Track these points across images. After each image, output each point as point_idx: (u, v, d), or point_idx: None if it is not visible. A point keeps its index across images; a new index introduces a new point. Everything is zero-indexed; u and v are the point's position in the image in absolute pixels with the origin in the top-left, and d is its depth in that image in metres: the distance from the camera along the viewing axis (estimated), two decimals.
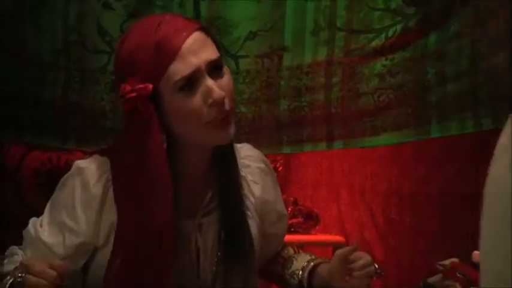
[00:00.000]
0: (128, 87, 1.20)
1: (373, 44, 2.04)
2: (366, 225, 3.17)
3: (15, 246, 1.35)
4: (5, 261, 1.33)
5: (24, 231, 1.33)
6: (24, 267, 1.16)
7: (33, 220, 1.34)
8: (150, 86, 1.20)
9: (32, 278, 1.14)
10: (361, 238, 3.10)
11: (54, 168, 2.33)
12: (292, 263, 1.48)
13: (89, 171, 1.28)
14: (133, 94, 1.19)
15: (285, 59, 2.04)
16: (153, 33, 1.21)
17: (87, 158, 1.33)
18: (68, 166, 1.34)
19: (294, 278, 1.45)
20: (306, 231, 3.02)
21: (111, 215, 1.26)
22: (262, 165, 1.45)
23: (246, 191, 1.39)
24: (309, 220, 3.03)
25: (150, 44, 1.21)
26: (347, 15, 2.03)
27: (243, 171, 1.40)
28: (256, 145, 1.53)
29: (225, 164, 1.34)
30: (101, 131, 2.03)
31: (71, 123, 2.04)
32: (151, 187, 1.22)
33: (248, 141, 1.54)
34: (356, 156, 3.15)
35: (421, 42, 2.04)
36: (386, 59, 2.05)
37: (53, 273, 1.14)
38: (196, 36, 1.23)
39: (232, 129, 1.26)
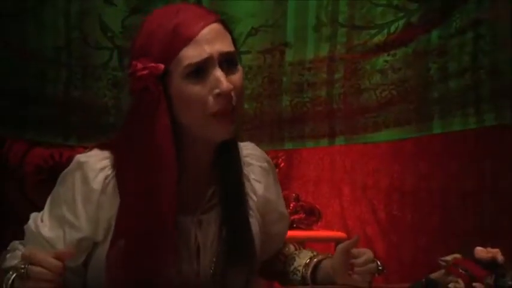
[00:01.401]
0: (140, 65, 1.21)
1: (375, 39, 2.04)
2: (367, 221, 3.18)
3: (16, 241, 1.35)
4: (8, 255, 1.32)
5: (25, 226, 1.32)
6: (26, 258, 1.15)
7: (34, 215, 1.33)
8: (162, 66, 1.20)
9: (35, 269, 1.13)
10: (363, 234, 3.10)
11: (56, 164, 2.32)
12: (295, 260, 1.47)
13: (88, 166, 1.27)
14: (145, 72, 1.20)
15: (287, 55, 2.05)
16: (172, 17, 1.22)
17: (87, 151, 1.32)
18: (70, 163, 1.34)
19: (296, 275, 1.45)
20: (308, 227, 3.02)
21: (110, 210, 1.25)
22: (265, 164, 1.44)
23: (248, 190, 1.38)
24: (311, 216, 3.03)
25: (167, 27, 1.21)
26: (349, 11, 2.03)
27: (246, 170, 1.38)
28: (258, 141, 1.53)
29: (227, 161, 1.33)
30: (103, 127, 2.03)
31: (73, 119, 2.04)
32: (157, 168, 1.21)
33: (250, 137, 1.54)
34: (358, 153, 3.16)
35: (424, 38, 2.04)
36: (388, 55, 2.05)
37: (56, 262, 1.13)
38: (214, 27, 1.23)
39: (232, 127, 1.25)
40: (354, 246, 1.36)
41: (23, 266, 1.13)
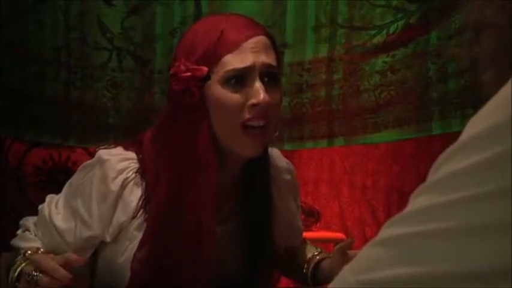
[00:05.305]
0: (183, 67, 1.19)
1: (375, 40, 2.04)
2: (367, 222, 3.18)
3: (29, 218, 1.35)
4: (19, 231, 1.34)
5: (39, 207, 1.32)
6: (35, 264, 1.16)
7: (49, 198, 1.32)
8: (205, 68, 1.19)
9: (44, 278, 1.14)
10: (362, 235, 3.11)
11: (55, 165, 2.32)
12: (298, 255, 1.48)
13: (109, 165, 1.25)
14: (188, 74, 1.19)
15: (286, 56, 2.04)
16: (221, 23, 1.22)
17: (111, 148, 1.30)
18: (69, 163, 1.34)
19: (298, 270, 1.45)
20: (307, 228, 3.01)
21: (123, 214, 1.24)
22: (289, 177, 1.43)
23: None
24: (310, 217, 3.03)
25: (215, 32, 1.21)
26: (348, 11, 2.03)
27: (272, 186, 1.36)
28: None
29: (256, 179, 1.31)
30: (102, 127, 2.03)
31: (72, 120, 2.04)
32: (196, 175, 1.20)
33: None
34: (357, 153, 3.16)
35: (423, 39, 2.04)
36: (387, 56, 2.05)
37: (64, 272, 1.14)
38: (261, 39, 1.22)
39: (262, 145, 1.23)
40: (350, 247, 1.36)
41: (35, 274, 1.15)
